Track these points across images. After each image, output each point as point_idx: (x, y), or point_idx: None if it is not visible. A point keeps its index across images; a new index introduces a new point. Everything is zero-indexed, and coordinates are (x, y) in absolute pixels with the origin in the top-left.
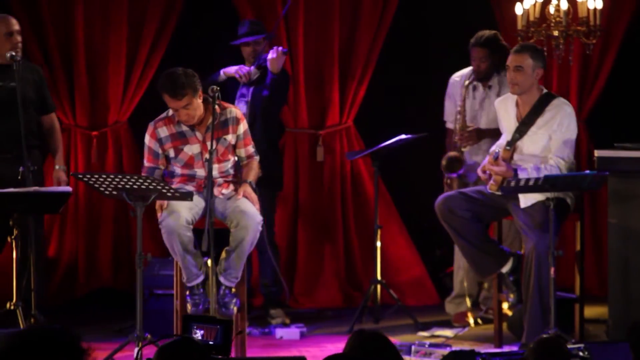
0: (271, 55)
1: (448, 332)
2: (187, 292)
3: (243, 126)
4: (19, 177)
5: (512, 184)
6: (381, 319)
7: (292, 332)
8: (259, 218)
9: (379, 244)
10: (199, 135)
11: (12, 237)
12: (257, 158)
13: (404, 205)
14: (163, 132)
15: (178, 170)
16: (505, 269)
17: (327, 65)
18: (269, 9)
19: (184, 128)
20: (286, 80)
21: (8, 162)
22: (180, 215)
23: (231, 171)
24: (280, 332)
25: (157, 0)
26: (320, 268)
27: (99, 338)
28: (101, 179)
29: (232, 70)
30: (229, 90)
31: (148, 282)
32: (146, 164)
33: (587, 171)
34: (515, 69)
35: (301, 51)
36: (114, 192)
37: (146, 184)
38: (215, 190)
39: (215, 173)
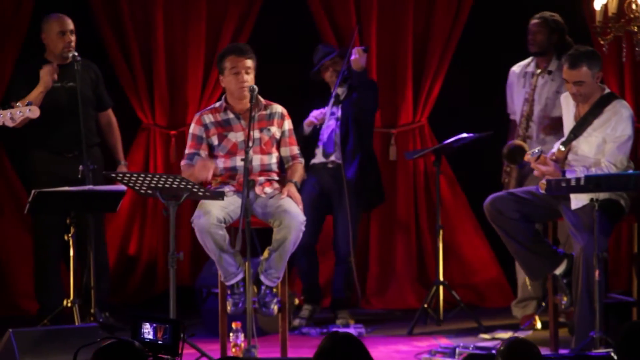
0: (353, 55)
1: (510, 335)
2: (228, 292)
3: (288, 124)
4: (79, 176)
5: (556, 184)
6: (444, 321)
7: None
8: (302, 218)
9: (440, 244)
10: (243, 123)
11: (70, 235)
12: (301, 161)
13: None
14: (209, 118)
15: (220, 162)
16: (558, 271)
17: (400, 63)
18: (342, 9)
19: (230, 116)
20: (373, 84)
21: (71, 162)
22: (212, 214)
23: (274, 168)
24: None
25: (236, 0)
26: (392, 269)
27: None
28: (134, 178)
29: (311, 119)
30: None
31: (206, 281)
32: (187, 151)
33: (631, 171)
34: (575, 83)
35: (374, 49)
36: (149, 191)
37: (177, 183)
38: (257, 189)
39: (256, 164)
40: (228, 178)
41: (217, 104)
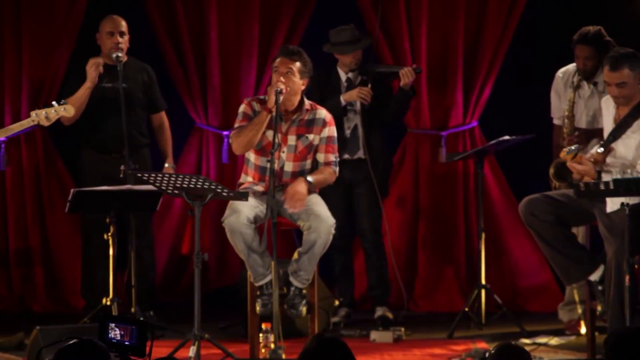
0: (405, 78)
1: (552, 340)
2: (257, 292)
3: (329, 131)
4: (121, 176)
5: (586, 187)
6: (487, 325)
7: (385, 336)
8: (331, 221)
9: (483, 247)
10: (283, 125)
11: (109, 234)
12: (335, 169)
13: None
14: (257, 107)
15: (252, 157)
16: (594, 277)
17: (450, 64)
18: (392, 10)
19: (273, 114)
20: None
21: (117, 162)
22: (242, 213)
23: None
24: (373, 335)
25: (289, 1)
26: (440, 271)
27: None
28: (159, 178)
29: (353, 95)
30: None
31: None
32: (236, 125)
33: None
34: (618, 85)
35: (424, 50)
36: (175, 192)
37: (200, 183)
38: (312, 186)
39: (288, 170)
40: (258, 178)
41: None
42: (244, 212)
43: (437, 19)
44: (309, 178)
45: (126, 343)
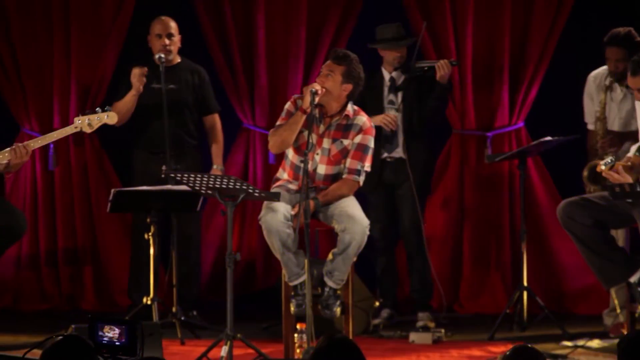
0: (441, 70)
1: (593, 343)
2: (292, 292)
3: (361, 138)
4: (162, 176)
5: (621, 188)
6: (530, 327)
7: (424, 337)
8: (366, 222)
9: (524, 248)
10: (322, 127)
11: (150, 234)
12: (355, 178)
13: None
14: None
15: (290, 154)
16: (633, 279)
17: (496, 64)
18: (437, 11)
19: (316, 114)
20: (449, 95)
21: (164, 162)
22: (279, 212)
23: (340, 178)
24: (412, 337)
25: (336, 2)
26: (486, 273)
27: (245, 334)
28: (192, 178)
29: (377, 120)
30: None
31: None
32: (278, 122)
33: None
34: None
35: (469, 51)
36: (209, 192)
37: (232, 183)
38: (319, 196)
39: (321, 172)
40: (293, 176)
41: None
42: (281, 210)
43: (483, 17)
44: (320, 199)
45: (117, 343)
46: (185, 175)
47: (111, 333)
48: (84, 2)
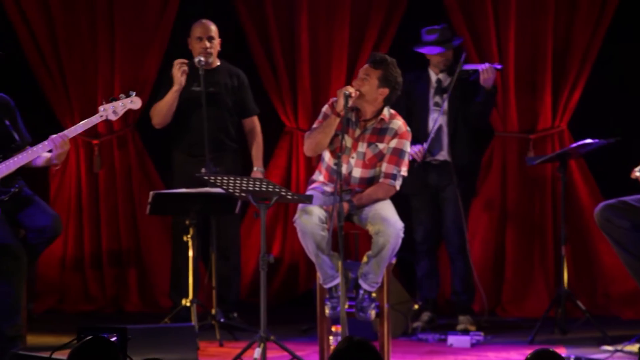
0: (485, 74)
1: (634, 347)
2: (327, 295)
3: (397, 143)
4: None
5: None
6: (572, 331)
7: (462, 340)
8: (400, 225)
9: (564, 252)
10: (357, 131)
11: (189, 236)
12: (392, 183)
13: None
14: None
15: (327, 157)
16: None
17: (539, 66)
18: (480, 14)
19: (352, 118)
20: (495, 99)
21: (203, 165)
22: (314, 214)
23: (376, 182)
24: (451, 340)
25: (379, 5)
26: (529, 276)
27: (282, 336)
28: (225, 180)
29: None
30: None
31: None
32: (314, 125)
33: None
34: None
35: (512, 53)
36: (243, 194)
37: (264, 186)
38: (354, 199)
39: (356, 176)
40: (328, 179)
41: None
42: (315, 212)
43: (525, 19)
44: (356, 203)
45: None
46: (219, 177)
47: None
48: (128, 4)
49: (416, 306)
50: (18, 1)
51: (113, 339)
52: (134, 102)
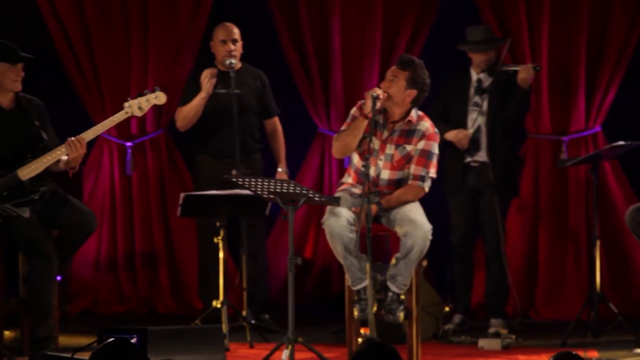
0: (523, 72)
1: None
2: (355, 297)
3: (424, 144)
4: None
5: None
6: (602, 334)
7: (493, 343)
8: (428, 227)
9: (597, 254)
10: (385, 133)
11: (219, 238)
12: (421, 185)
13: None
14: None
15: (356, 159)
16: None
17: (572, 68)
18: (513, 14)
19: (379, 120)
20: (529, 99)
21: (230, 167)
22: (342, 215)
23: (404, 183)
24: (481, 342)
25: (411, 7)
26: (562, 279)
27: (313, 338)
28: (253, 182)
29: (450, 136)
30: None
31: None
32: (342, 127)
33: None
34: None
35: (545, 54)
36: (271, 196)
37: (292, 188)
38: (383, 200)
39: (384, 178)
40: (357, 180)
41: (378, 105)
42: (343, 214)
43: (558, 20)
44: (383, 205)
45: None
46: (247, 179)
47: None
48: (161, 7)
49: (447, 308)
50: (51, 1)
51: (133, 340)
52: (158, 97)
